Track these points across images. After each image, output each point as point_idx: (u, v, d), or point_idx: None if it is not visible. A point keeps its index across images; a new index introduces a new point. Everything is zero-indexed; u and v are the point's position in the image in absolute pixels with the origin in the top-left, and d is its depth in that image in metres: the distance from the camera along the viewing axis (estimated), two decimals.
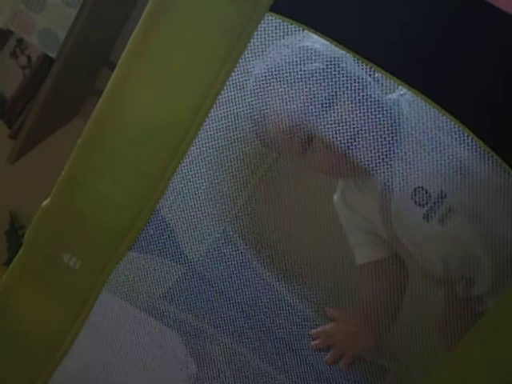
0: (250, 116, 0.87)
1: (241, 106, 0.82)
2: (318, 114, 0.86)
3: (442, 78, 0.68)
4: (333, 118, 0.86)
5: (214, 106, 0.69)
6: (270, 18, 0.68)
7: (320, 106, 0.85)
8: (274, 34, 0.73)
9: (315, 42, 0.85)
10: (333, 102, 0.85)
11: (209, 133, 0.80)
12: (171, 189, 0.74)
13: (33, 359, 0.79)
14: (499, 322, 0.71)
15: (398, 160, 0.88)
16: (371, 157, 0.86)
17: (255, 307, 1.00)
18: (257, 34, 0.71)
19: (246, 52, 0.70)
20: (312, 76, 0.82)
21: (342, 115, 0.85)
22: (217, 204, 1.03)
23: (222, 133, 0.84)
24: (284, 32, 0.72)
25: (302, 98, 0.85)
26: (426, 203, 0.89)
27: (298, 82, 0.83)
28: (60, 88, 1.88)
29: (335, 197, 1.02)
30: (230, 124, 0.84)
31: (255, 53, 0.74)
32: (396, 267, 0.98)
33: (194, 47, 0.65)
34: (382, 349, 1.03)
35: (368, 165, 0.86)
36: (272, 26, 0.72)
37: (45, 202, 0.73)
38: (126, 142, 0.69)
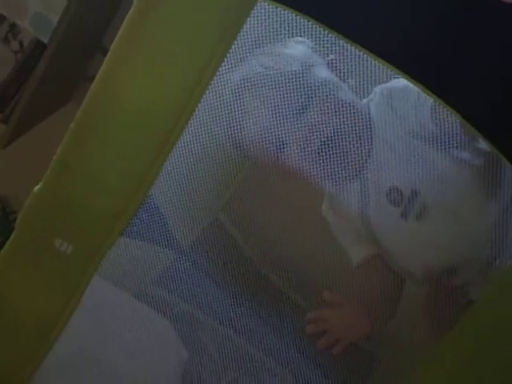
0: (227, 126, 0.88)
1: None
2: (291, 117, 0.87)
3: (440, 66, 0.68)
4: (306, 121, 0.87)
5: (207, 92, 0.69)
6: (263, 4, 0.68)
7: (294, 109, 0.86)
8: (268, 22, 0.73)
9: (292, 48, 0.86)
10: (307, 105, 0.86)
11: (201, 119, 0.80)
12: (163, 175, 0.74)
13: (24, 343, 0.79)
14: (483, 320, 0.71)
15: (372, 162, 0.89)
16: (347, 160, 0.87)
17: (246, 294, 1.00)
18: (250, 21, 0.71)
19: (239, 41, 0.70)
20: (288, 79, 0.83)
21: (315, 118, 0.86)
22: (209, 190, 1.03)
23: (214, 120, 0.84)
24: (277, 21, 0.72)
25: (275, 102, 0.85)
26: (401, 202, 0.90)
27: (274, 85, 0.84)
28: (52, 73, 1.87)
29: (323, 205, 1.02)
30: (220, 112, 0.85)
31: (249, 42, 0.74)
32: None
33: (188, 30, 0.65)
34: (374, 336, 1.03)
35: (344, 168, 0.87)
36: (266, 14, 0.72)
37: (36, 187, 0.73)
38: (118, 126, 0.69)
